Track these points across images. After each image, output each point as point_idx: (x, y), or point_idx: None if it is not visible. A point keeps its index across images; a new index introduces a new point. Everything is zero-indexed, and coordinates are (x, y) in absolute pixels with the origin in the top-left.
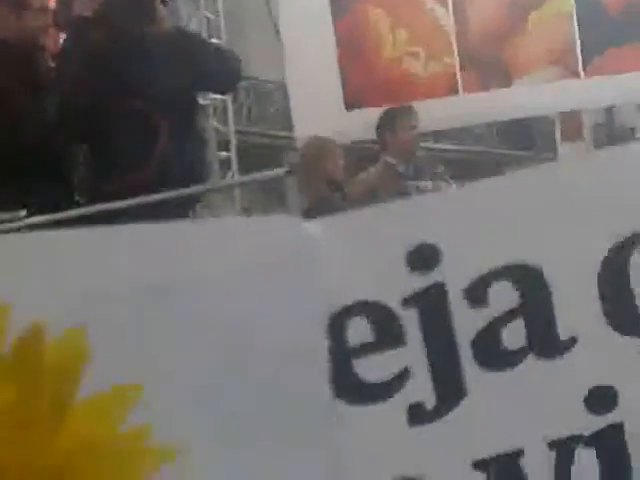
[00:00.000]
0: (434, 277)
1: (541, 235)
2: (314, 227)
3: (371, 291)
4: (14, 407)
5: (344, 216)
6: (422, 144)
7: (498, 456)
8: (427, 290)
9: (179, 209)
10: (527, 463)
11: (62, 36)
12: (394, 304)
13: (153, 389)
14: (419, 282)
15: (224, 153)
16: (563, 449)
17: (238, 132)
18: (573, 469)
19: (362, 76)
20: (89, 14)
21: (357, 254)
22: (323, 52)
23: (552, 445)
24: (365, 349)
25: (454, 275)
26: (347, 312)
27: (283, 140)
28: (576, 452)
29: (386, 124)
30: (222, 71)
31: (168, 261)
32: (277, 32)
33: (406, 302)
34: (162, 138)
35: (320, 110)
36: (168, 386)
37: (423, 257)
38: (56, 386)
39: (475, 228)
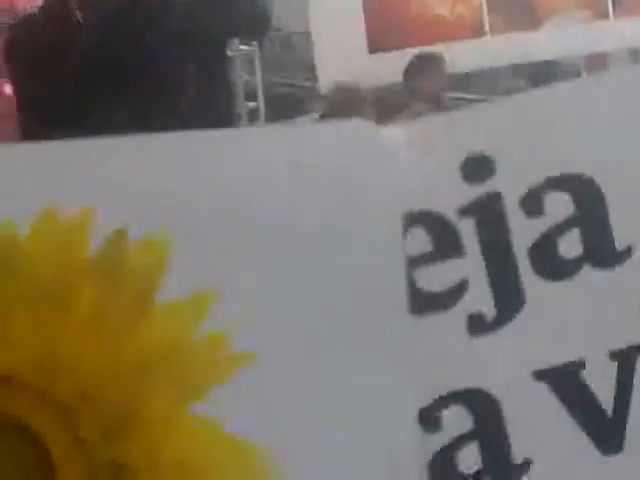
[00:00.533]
0: (490, 186)
1: (598, 145)
2: (390, 133)
3: (429, 200)
4: (97, 308)
5: (416, 123)
6: (451, 94)
7: (559, 366)
8: (483, 199)
9: None
10: (589, 374)
11: None
12: (451, 214)
13: (232, 295)
14: (475, 192)
15: (251, 103)
16: (624, 360)
17: (265, 83)
18: (635, 380)
19: (386, 20)
20: None
21: (421, 163)
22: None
23: (613, 356)
24: (424, 259)
25: (510, 184)
26: (407, 221)
27: (308, 90)
28: (637, 363)
29: (414, 71)
30: (253, 17)
31: (243, 168)
32: None
33: (463, 212)
34: (190, 86)
35: (343, 54)
36: (247, 292)
37: (478, 166)
38: (137, 289)
39: (531, 137)
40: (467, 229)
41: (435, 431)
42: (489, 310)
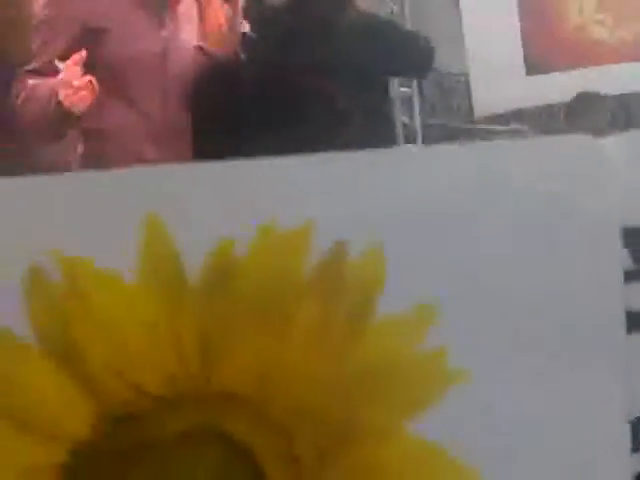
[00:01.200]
0: None
1: None
2: (610, 146)
3: None
4: (317, 322)
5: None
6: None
7: None
8: None
9: None
10: None
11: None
12: None
13: (451, 309)
14: None
15: (409, 145)
16: None
17: (423, 125)
18: None
19: (544, 43)
20: (281, 3)
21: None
22: (505, 21)
23: None
24: (635, 276)
25: None
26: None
27: (466, 133)
28: None
29: (575, 112)
30: (414, 55)
31: (452, 184)
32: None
33: None
34: (350, 123)
35: (500, 76)
36: (466, 307)
37: None
38: (357, 302)
39: None
40: None
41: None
42: None
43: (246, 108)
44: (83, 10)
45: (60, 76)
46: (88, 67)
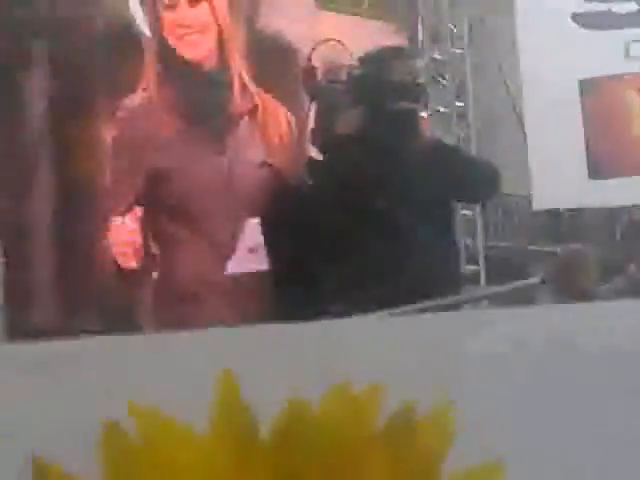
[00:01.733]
0: None
1: None
2: None
3: None
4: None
5: None
6: None
7: None
8: None
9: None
10: None
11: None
12: None
13: (517, 468)
14: None
15: (472, 267)
16: None
17: (486, 246)
18: None
19: (607, 151)
20: (351, 132)
21: None
22: (568, 130)
23: None
24: None
25: None
26: None
27: (530, 254)
28: None
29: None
30: (480, 182)
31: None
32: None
33: None
34: (416, 248)
35: (562, 180)
36: (531, 467)
37: None
38: (424, 464)
39: None
40: None
41: None
42: None
43: (313, 232)
44: (148, 155)
45: (116, 233)
46: (152, 204)
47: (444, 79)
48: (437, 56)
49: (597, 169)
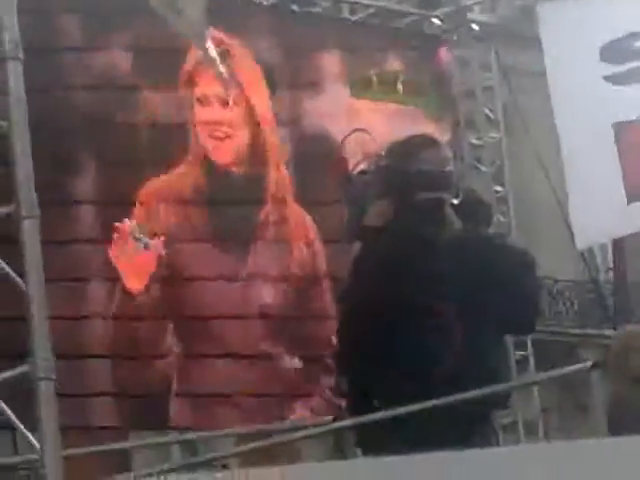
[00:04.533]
0: None
1: None
2: None
3: None
4: None
5: None
6: None
7: None
8: None
9: (476, 412)
10: None
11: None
12: None
13: None
14: None
15: (521, 352)
16: None
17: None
18: None
19: None
20: (380, 224)
21: None
22: (606, 162)
23: None
24: None
25: None
26: None
27: (580, 338)
28: None
29: None
30: (516, 269)
31: None
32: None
33: None
34: (457, 340)
35: (601, 207)
36: None
37: None
38: None
39: None
40: None
41: None
42: None
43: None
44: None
45: None
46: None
47: (481, 164)
48: (474, 141)
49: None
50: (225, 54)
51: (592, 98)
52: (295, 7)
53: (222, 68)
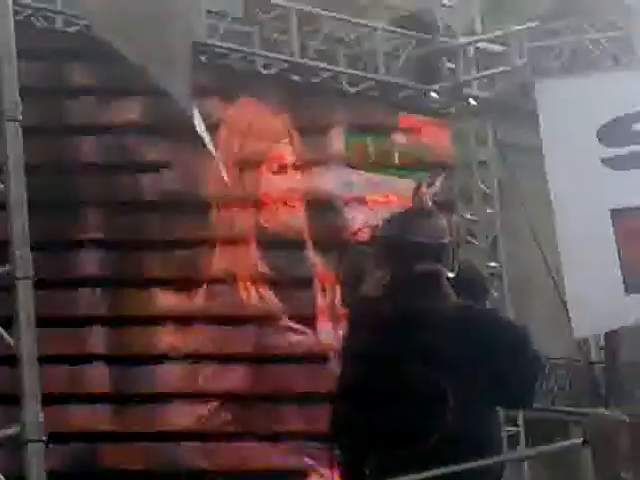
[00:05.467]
0: None
1: None
2: None
3: None
4: None
5: None
6: None
7: None
8: None
9: None
10: None
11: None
12: None
13: None
14: None
15: (512, 428)
16: None
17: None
18: None
19: None
20: (377, 294)
21: None
22: (603, 249)
23: None
24: None
25: None
26: None
27: (570, 415)
28: None
29: None
30: (510, 346)
31: None
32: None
33: None
34: (449, 410)
35: (600, 297)
36: None
37: None
38: None
39: None
40: None
41: None
42: None
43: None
44: None
45: None
46: None
47: (475, 239)
48: (468, 216)
49: (633, 285)
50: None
51: (589, 181)
52: (296, 77)
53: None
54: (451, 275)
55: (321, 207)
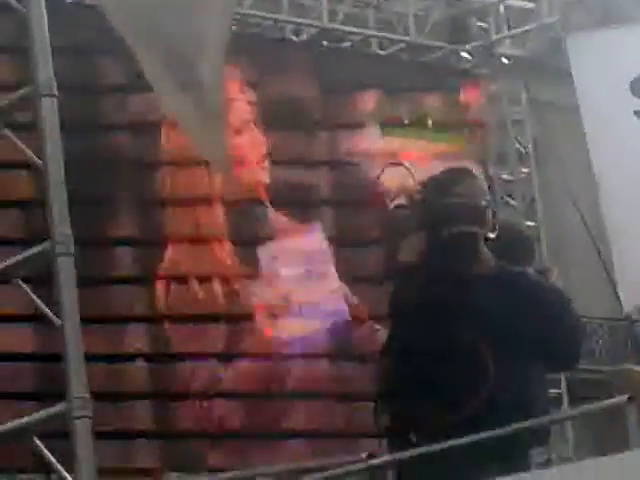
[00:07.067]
0: None
1: None
2: None
3: None
4: None
5: None
6: None
7: None
8: None
9: (516, 449)
10: None
11: None
12: None
13: None
14: None
15: (555, 390)
16: None
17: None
18: None
19: None
20: (414, 259)
21: None
22: None
23: None
24: None
25: None
26: None
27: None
28: None
29: None
30: (553, 308)
31: None
32: (599, 253)
33: None
34: (492, 373)
35: None
36: None
37: None
38: None
39: None
40: None
41: None
42: None
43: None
44: None
45: None
46: None
47: (512, 199)
48: (505, 176)
49: None
50: None
51: (625, 136)
52: (325, 42)
53: None
54: (492, 236)
55: (353, 171)
